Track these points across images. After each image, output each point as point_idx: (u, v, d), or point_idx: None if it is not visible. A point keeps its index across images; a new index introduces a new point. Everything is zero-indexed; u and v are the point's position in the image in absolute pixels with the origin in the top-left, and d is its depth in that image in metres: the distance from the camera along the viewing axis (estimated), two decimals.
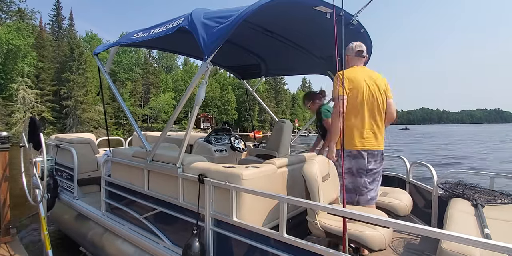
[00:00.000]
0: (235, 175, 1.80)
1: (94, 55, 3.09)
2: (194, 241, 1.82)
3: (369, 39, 2.78)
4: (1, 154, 3.02)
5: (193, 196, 2.00)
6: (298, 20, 2.53)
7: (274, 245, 1.60)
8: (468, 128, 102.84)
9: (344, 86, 2.20)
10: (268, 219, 2.00)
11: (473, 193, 2.37)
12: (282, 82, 67.38)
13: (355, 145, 2.24)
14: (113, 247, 2.62)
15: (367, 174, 2.26)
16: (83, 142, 3.85)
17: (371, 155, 2.28)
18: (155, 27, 2.35)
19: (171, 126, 2.31)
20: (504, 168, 11.95)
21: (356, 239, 1.69)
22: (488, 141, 28.93)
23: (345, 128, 2.23)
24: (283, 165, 2.26)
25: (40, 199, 2.92)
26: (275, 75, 4.95)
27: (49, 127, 30.80)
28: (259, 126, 55.40)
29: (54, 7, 41.67)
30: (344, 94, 2.19)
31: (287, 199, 1.54)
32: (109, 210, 2.87)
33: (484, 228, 1.67)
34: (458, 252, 1.37)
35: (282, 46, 3.19)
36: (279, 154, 3.41)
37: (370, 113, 2.26)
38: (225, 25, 1.79)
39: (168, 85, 50.35)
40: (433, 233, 1.10)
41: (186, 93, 2.00)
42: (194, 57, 4.09)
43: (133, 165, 2.53)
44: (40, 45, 33.26)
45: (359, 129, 2.25)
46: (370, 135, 2.26)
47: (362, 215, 1.27)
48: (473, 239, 1.01)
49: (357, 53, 2.41)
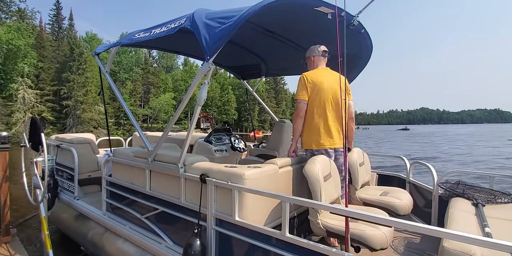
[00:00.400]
0: (237, 175, 1.81)
1: (94, 55, 3.09)
2: (195, 241, 1.83)
3: (370, 40, 2.79)
4: (1, 154, 3.02)
5: (194, 196, 2.01)
6: (299, 20, 2.53)
7: (276, 244, 1.60)
8: (468, 128, 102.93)
9: (307, 89, 2.36)
10: (270, 218, 2.00)
11: (474, 192, 2.38)
12: (282, 82, 67.41)
13: (323, 145, 2.37)
14: (114, 247, 2.63)
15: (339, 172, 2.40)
16: (83, 142, 3.85)
17: (338, 153, 2.45)
18: (156, 27, 2.36)
19: (172, 126, 2.31)
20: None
21: (357, 238, 1.69)
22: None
23: (311, 128, 2.40)
24: (285, 165, 2.27)
25: (40, 199, 2.92)
26: (275, 75, 4.95)
27: (49, 127, 30.78)
28: (259, 126, 55.40)
29: (54, 7, 41.67)
30: (304, 99, 2.40)
31: (290, 199, 1.54)
32: (110, 210, 2.88)
33: (485, 227, 1.68)
34: (460, 250, 1.38)
35: (282, 46, 3.20)
36: (279, 154, 3.42)
37: (333, 113, 2.39)
38: (227, 25, 1.80)
39: (168, 85, 50.33)
40: (436, 232, 1.10)
41: (188, 93, 2.00)
42: (195, 57, 4.09)
43: (135, 165, 2.53)
44: (40, 45, 33.23)
45: (325, 129, 2.38)
46: (336, 134, 2.40)
47: (364, 214, 1.28)
48: (475, 238, 1.01)
49: (323, 53, 2.55)
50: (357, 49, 2.90)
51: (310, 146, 2.43)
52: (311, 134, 2.42)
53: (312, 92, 2.37)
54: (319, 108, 2.38)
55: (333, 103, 2.39)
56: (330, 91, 2.37)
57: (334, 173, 2.29)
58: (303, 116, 2.40)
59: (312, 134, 2.41)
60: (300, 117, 2.39)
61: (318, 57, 2.53)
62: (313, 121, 2.40)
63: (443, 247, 1.45)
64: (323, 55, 2.54)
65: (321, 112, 2.38)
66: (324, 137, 2.38)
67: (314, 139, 2.40)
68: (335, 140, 2.41)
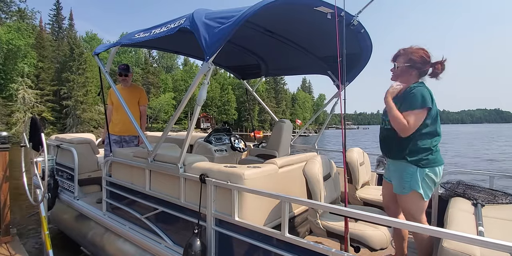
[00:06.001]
0: (237, 175, 1.81)
1: (94, 55, 3.09)
2: (195, 241, 1.83)
3: (369, 40, 2.79)
4: (1, 154, 3.02)
5: (194, 196, 2.01)
6: (298, 20, 2.53)
7: (275, 244, 1.60)
8: (467, 128, 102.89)
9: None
10: (269, 218, 2.00)
11: (474, 192, 2.38)
12: (282, 82, 67.42)
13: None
14: (114, 247, 2.63)
15: None
16: (83, 142, 3.85)
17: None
18: (156, 27, 2.36)
19: (172, 126, 2.31)
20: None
21: (357, 238, 1.70)
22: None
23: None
24: (284, 165, 2.27)
25: (41, 199, 2.92)
26: (275, 75, 4.95)
27: (49, 127, 30.79)
28: (259, 126, 55.42)
29: (54, 7, 41.70)
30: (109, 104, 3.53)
31: (289, 199, 1.54)
32: (110, 210, 2.88)
33: (479, 226, 1.68)
34: (459, 250, 1.38)
35: (282, 46, 3.19)
36: (279, 154, 3.42)
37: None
38: (227, 25, 1.80)
39: (168, 85, 50.34)
40: (435, 232, 1.10)
41: (188, 93, 2.00)
42: (195, 57, 4.09)
43: (135, 165, 2.53)
44: (40, 45, 33.23)
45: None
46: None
47: (364, 214, 1.28)
48: (475, 238, 1.01)
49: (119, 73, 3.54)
50: (357, 49, 2.90)
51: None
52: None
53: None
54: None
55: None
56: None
57: (334, 173, 2.29)
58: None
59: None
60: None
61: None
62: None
63: (442, 247, 1.45)
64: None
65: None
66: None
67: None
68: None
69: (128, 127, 3.52)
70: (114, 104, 3.69)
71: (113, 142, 3.59)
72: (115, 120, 3.66)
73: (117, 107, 3.64)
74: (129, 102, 3.38)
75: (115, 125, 3.64)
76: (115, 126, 3.64)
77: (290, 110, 68.86)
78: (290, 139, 3.74)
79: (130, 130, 3.60)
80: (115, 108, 3.69)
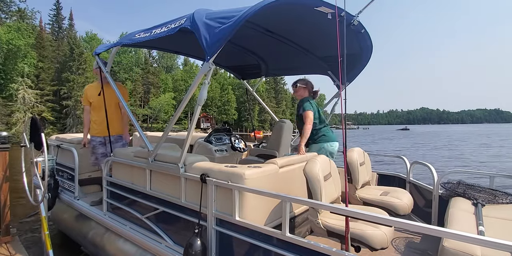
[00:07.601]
0: (238, 175, 1.81)
1: (95, 55, 3.09)
2: (196, 240, 1.83)
3: (370, 40, 2.79)
4: (1, 154, 3.02)
5: (195, 196, 2.01)
6: (299, 20, 2.53)
7: (276, 244, 1.60)
8: (467, 128, 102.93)
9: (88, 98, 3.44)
10: (270, 218, 2.00)
11: (475, 192, 2.38)
12: (282, 82, 67.39)
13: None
14: (114, 247, 2.63)
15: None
16: None
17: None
18: (156, 27, 2.36)
19: (172, 126, 2.31)
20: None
21: (358, 238, 1.70)
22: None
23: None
24: (285, 165, 2.27)
25: (41, 199, 2.92)
26: (275, 75, 4.95)
27: (49, 127, 30.79)
28: (259, 126, 55.40)
29: (54, 7, 41.78)
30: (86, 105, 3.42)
31: (290, 199, 1.54)
32: (110, 210, 2.88)
33: (479, 226, 1.68)
34: (460, 250, 1.38)
35: (282, 46, 3.20)
36: (279, 154, 3.42)
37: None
38: (227, 25, 1.80)
39: (168, 85, 50.36)
40: (436, 232, 1.10)
41: (188, 93, 2.00)
42: (195, 58, 4.09)
43: (135, 165, 2.54)
44: (40, 45, 33.26)
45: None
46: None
47: (364, 214, 1.28)
48: (475, 237, 1.01)
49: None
50: (357, 49, 2.90)
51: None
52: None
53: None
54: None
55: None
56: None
57: (334, 173, 2.29)
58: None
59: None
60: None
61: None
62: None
63: (443, 246, 1.45)
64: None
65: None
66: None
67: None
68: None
69: (111, 127, 3.28)
70: (92, 104, 3.44)
71: (98, 144, 3.43)
72: (95, 121, 3.43)
73: (95, 107, 3.41)
74: (110, 101, 3.27)
75: (97, 126, 3.41)
76: (97, 127, 3.42)
77: (290, 110, 68.82)
78: (290, 139, 3.74)
79: (113, 129, 3.35)
80: (93, 108, 3.45)
